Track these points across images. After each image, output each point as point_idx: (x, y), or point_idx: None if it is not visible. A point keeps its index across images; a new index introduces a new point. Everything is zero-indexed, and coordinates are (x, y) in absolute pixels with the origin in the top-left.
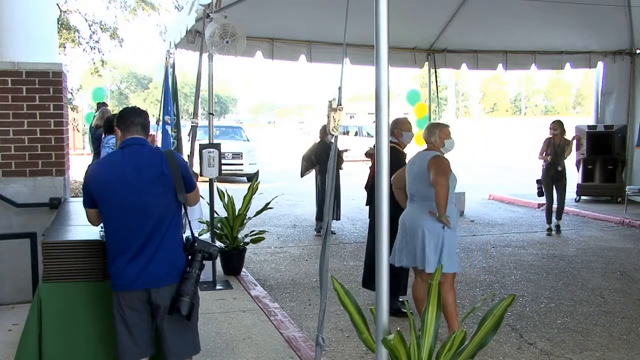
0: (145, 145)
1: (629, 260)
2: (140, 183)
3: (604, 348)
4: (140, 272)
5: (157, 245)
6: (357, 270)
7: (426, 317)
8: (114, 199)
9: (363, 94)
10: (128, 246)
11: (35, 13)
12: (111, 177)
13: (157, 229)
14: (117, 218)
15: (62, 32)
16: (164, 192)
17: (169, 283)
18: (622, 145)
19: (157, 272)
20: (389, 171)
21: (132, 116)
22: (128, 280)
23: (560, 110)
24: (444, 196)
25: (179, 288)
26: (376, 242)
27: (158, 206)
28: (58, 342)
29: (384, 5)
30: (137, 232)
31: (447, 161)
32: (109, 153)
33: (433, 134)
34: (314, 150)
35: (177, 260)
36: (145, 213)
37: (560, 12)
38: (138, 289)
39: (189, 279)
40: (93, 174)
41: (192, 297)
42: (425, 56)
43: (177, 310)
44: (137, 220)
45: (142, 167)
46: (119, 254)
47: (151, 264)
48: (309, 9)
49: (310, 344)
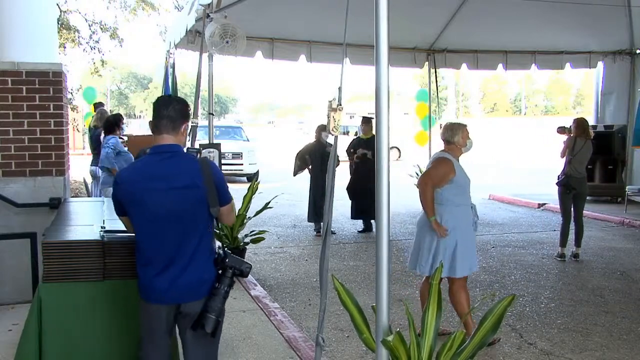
0: (177, 152)
1: (629, 260)
2: (168, 193)
3: (604, 348)
4: (169, 287)
5: (187, 259)
6: (358, 270)
7: (426, 317)
8: (141, 208)
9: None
10: (157, 258)
11: (35, 13)
12: (138, 185)
13: (187, 242)
14: (145, 228)
15: (62, 32)
16: (194, 204)
17: (197, 299)
18: (622, 145)
19: (185, 287)
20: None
21: (161, 108)
22: (156, 293)
23: (560, 110)
24: (424, 198)
25: (206, 304)
26: (376, 242)
27: (188, 218)
28: (58, 342)
29: (384, 5)
30: (165, 244)
31: (446, 166)
32: (140, 159)
33: (456, 133)
34: (309, 149)
35: (206, 275)
36: (174, 224)
37: (560, 12)
38: (166, 303)
39: (217, 296)
40: (120, 181)
41: (219, 315)
42: (425, 56)
43: (202, 326)
44: (166, 232)
45: (172, 176)
46: (148, 265)
47: (180, 278)
48: (309, 9)
49: (310, 344)
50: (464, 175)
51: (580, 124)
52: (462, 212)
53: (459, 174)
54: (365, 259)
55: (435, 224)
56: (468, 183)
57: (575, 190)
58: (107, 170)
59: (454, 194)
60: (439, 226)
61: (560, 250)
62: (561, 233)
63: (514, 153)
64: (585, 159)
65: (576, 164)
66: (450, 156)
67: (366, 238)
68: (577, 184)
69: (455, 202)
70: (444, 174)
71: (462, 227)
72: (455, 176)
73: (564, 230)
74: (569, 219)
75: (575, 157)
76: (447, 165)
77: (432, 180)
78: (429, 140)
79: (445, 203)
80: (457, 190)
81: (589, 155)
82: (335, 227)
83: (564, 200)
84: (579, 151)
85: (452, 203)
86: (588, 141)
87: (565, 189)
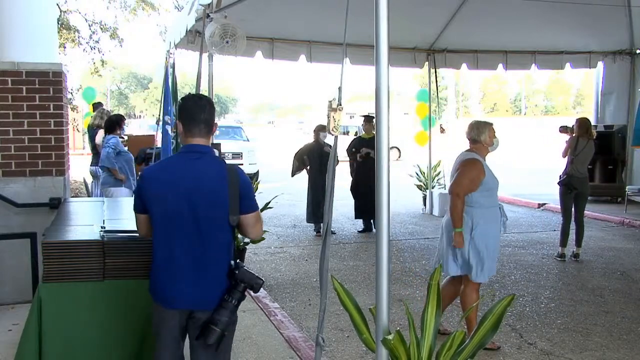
0: (206, 154)
1: (629, 260)
2: (192, 194)
3: (604, 348)
4: (182, 292)
5: (203, 266)
6: (357, 270)
7: (426, 317)
8: (164, 206)
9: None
10: (173, 261)
11: (35, 13)
12: (164, 182)
13: (205, 248)
14: (165, 228)
15: (62, 32)
16: (215, 208)
17: (207, 309)
18: (622, 145)
19: (198, 294)
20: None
21: (195, 112)
22: (168, 297)
23: (560, 111)
24: (454, 210)
25: (212, 316)
26: (376, 242)
27: (208, 222)
28: (58, 342)
29: (384, 5)
30: (183, 247)
31: (477, 169)
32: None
33: (483, 132)
34: (308, 149)
35: (220, 286)
36: (194, 226)
37: (560, 12)
38: (177, 308)
39: (226, 309)
40: (146, 176)
41: (224, 328)
42: (425, 56)
43: (205, 338)
44: (185, 235)
45: (198, 178)
46: (163, 267)
47: (194, 285)
48: (309, 9)
49: (310, 344)
50: (492, 176)
51: (583, 123)
52: (492, 214)
53: (488, 174)
54: (365, 259)
55: (459, 236)
56: (497, 184)
57: (577, 190)
58: (108, 170)
59: (484, 196)
60: (461, 239)
61: (561, 250)
62: (561, 233)
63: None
64: (587, 159)
65: (578, 163)
66: (477, 156)
67: (366, 238)
68: (579, 183)
69: (485, 205)
70: (475, 177)
71: (492, 230)
72: (485, 177)
73: (564, 230)
74: (570, 218)
75: (577, 157)
76: (476, 167)
77: (464, 190)
78: (429, 140)
79: (474, 205)
80: (487, 192)
81: (591, 155)
82: (335, 227)
83: (565, 200)
84: (581, 151)
85: (482, 205)
86: (590, 141)
87: (566, 189)
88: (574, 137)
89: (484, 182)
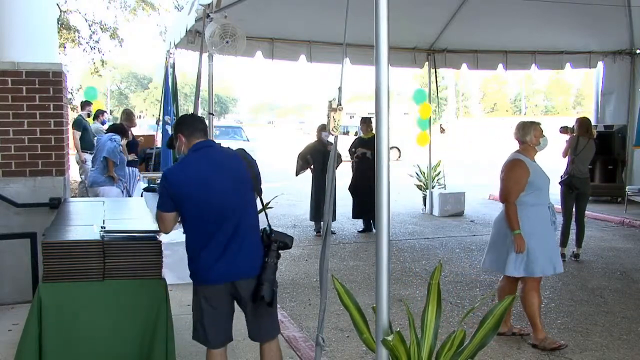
0: (215, 145)
1: (629, 260)
2: (220, 181)
3: (604, 348)
4: (228, 267)
5: (241, 241)
6: (358, 270)
7: (426, 317)
8: (197, 199)
9: (363, 94)
10: (212, 243)
11: (35, 13)
12: (192, 178)
13: (240, 225)
14: (200, 217)
15: (62, 32)
16: (243, 189)
17: (252, 275)
18: (622, 145)
19: (242, 266)
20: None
21: (196, 122)
22: (216, 275)
23: (560, 110)
24: (508, 215)
25: (259, 277)
26: (376, 242)
27: (239, 202)
28: (58, 342)
29: (384, 5)
30: (221, 228)
31: (519, 169)
32: (182, 158)
33: (528, 132)
34: (311, 149)
35: (258, 253)
36: (228, 210)
37: (560, 12)
38: (225, 282)
39: (268, 268)
40: (173, 177)
41: (272, 284)
42: (425, 56)
43: (261, 297)
44: (221, 217)
45: (220, 167)
46: (203, 250)
47: (237, 258)
48: (309, 9)
49: (310, 344)
50: (540, 175)
51: (583, 123)
52: (537, 212)
53: (534, 174)
54: (365, 259)
55: (519, 238)
56: (546, 182)
57: (578, 190)
58: (100, 168)
59: (530, 195)
60: (522, 241)
61: (561, 250)
62: (562, 233)
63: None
64: (588, 158)
65: (579, 163)
66: (522, 156)
67: (366, 238)
68: (580, 184)
69: (529, 203)
70: (519, 177)
71: (538, 227)
72: (530, 177)
73: (564, 230)
74: (570, 218)
75: (578, 157)
76: (519, 167)
77: (511, 195)
78: (429, 140)
79: (518, 204)
80: (533, 191)
81: (591, 155)
82: (335, 227)
83: (566, 200)
84: (581, 151)
85: (526, 204)
86: (591, 141)
87: (568, 189)
88: (575, 137)
89: (530, 181)
